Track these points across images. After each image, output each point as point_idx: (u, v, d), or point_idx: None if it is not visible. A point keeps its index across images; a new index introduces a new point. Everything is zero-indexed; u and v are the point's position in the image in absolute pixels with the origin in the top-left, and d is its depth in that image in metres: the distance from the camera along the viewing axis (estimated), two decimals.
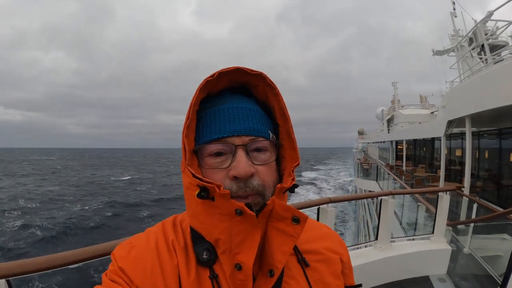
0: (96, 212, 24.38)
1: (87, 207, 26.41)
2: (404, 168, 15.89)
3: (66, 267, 1.29)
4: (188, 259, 0.57)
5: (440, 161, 9.55)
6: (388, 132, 24.77)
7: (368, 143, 40.75)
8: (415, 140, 16.88)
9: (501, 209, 4.49)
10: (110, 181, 47.49)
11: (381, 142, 28.60)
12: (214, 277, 0.54)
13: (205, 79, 0.55)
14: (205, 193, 0.52)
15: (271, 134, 0.60)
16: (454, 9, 9.73)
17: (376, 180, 15.25)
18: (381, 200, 3.71)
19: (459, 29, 10.04)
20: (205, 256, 0.55)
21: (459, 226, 5.11)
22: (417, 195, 6.49)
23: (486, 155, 8.68)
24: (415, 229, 6.18)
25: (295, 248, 0.63)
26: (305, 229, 0.56)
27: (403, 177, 13.45)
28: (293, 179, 0.58)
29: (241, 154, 0.54)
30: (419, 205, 6.38)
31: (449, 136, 9.36)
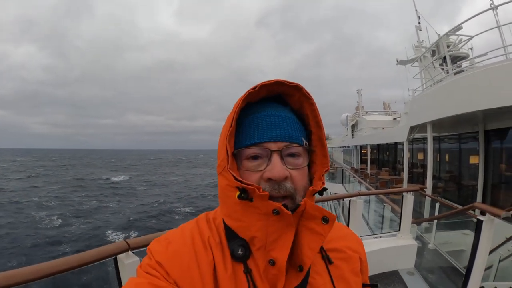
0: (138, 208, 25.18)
1: (120, 204, 26.81)
2: (368, 171, 16.61)
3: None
4: (223, 255, 0.60)
5: (403, 164, 10.07)
6: (353, 138, 25.76)
7: (333, 147, 42.04)
8: (378, 145, 17.70)
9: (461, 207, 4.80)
10: (110, 181, 46.39)
11: (345, 147, 29.65)
12: (248, 272, 0.58)
13: (248, 91, 0.59)
14: (244, 195, 0.56)
15: (304, 141, 0.64)
16: (419, 23, 10.50)
17: (342, 183, 15.75)
18: (349, 201, 3.82)
19: (423, 41, 10.76)
20: (240, 252, 0.59)
21: (424, 224, 5.42)
22: (382, 196, 6.77)
23: (447, 158, 9.31)
24: (381, 228, 6.45)
25: (320, 246, 0.67)
26: None
27: (368, 180, 14.04)
28: (323, 183, 0.64)
29: (276, 158, 0.58)
30: (384, 205, 6.67)
31: (411, 141, 9.91)
